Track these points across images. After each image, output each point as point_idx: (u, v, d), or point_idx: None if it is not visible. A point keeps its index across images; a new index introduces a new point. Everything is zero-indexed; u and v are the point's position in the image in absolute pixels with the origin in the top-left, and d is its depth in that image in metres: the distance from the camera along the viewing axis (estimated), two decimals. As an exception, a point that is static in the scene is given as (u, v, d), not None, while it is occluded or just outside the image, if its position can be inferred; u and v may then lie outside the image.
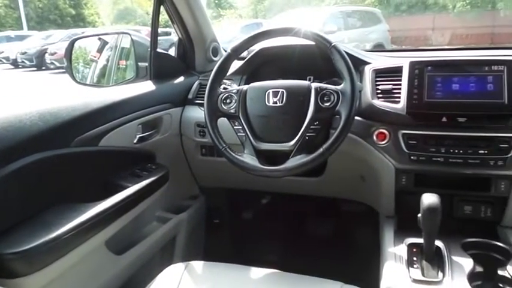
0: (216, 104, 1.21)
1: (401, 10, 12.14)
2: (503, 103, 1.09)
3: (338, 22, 8.08)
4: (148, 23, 1.55)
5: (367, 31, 8.34)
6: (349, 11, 8.91)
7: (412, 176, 1.20)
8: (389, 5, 12.15)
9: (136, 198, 1.19)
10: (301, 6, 13.15)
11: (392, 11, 11.97)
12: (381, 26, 8.70)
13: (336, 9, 9.63)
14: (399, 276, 1.03)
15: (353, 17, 8.75)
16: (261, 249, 1.80)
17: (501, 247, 1.09)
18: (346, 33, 7.93)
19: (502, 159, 1.11)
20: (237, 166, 1.15)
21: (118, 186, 1.18)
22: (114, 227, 1.13)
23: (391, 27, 9.23)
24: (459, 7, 11.78)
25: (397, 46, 9.27)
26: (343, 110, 1.08)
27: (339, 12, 8.75)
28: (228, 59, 1.24)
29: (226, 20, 15.62)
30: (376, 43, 8.07)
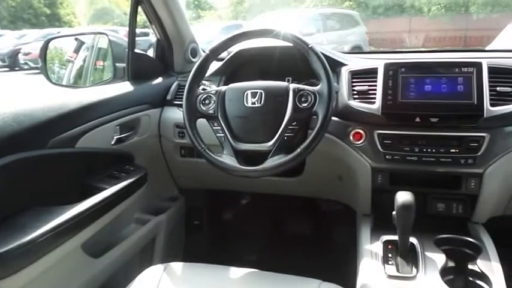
0: (195, 104, 1.21)
1: (379, 13, 12.35)
2: (472, 103, 1.13)
3: (317, 24, 8.16)
4: (126, 23, 1.54)
5: (345, 33, 8.44)
6: (327, 14, 9.00)
7: (388, 175, 1.23)
8: (367, 8, 12.35)
9: (114, 200, 1.18)
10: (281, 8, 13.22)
11: (370, 13, 12.16)
12: (359, 29, 8.82)
13: (315, 11, 9.71)
14: (375, 273, 1.06)
15: (332, 19, 8.85)
16: (241, 249, 1.81)
17: (471, 242, 1.13)
18: (325, 35, 8.01)
19: (472, 157, 1.15)
20: (216, 167, 1.16)
21: (95, 188, 1.17)
22: (91, 230, 1.12)
23: (369, 30, 9.38)
24: (434, 10, 12.06)
25: (375, 48, 9.44)
26: (320, 110, 1.10)
27: (318, 14, 8.83)
28: (206, 60, 1.24)
29: (206, 21, 15.56)
30: (354, 45, 8.17)
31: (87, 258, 1.19)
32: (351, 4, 12.96)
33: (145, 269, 1.10)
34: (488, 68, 1.16)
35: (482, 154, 1.14)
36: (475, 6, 11.42)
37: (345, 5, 12.75)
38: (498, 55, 1.51)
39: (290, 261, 1.44)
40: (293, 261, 1.52)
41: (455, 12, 11.89)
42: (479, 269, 1.05)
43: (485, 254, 1.09)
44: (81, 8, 23.20)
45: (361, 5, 12.52)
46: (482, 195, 1.18)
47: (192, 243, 1.80)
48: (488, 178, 1.15)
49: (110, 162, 1.32)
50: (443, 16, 11.82)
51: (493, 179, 1.16)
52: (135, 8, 1.46)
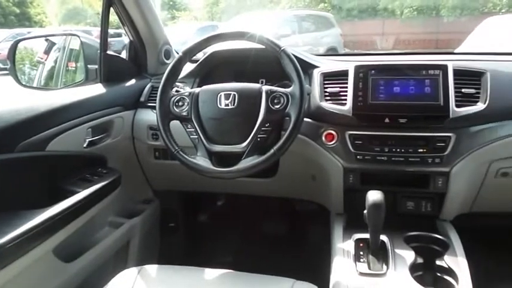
0: (168, 106, 1.21)
1: (353, 15, 12.53)
2: (439, 105, 1.17)
3: (292, 26, 8.19)
4: (100, 23, 1.52)
5: (320, 35, 8.51)
6: (303, 15, 9.06)
7: (359, 175, 1.26)
8: (342, 10, 12.50)
9: (87, 203, 1.17)
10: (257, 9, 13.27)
11: (344, 15, 12.32)
12: (333, 30, 8.90)
13: (290, 13, 9.77)
14: (347, 271, 1.08)
15: (307, 21, 8.90)
16: (217, 251, 1.81)
17: (439, 239, 1.17)
18: (301, 36, 8.05)
19: (439, 157, 1.19)
20: (190, 168, 1.16)
21: (67, 191, 1.15)
22: (63, 234, 1.10)
23: (344, 32, 9.48)
24: (406, 13, 12.33)
25: (349, 50, 9.55)
26: (292, 111, 1.12)
27: (293, 16, 8.88)
28: (179, 62, 1.24)
29: (181, 21, 15.44)
30: (329, 47, 8.24)
31: (59, 263, 1.17)
32: (325, 6, 13.11)
33: (120, 272, 1.09)
34: (454, 70, 1.20)
35: (449, 153, 1.18)
36: (446, 10, 11.74)
37: (319, 7, 12.90)
38: (464, 58, 1.57)
39: (265, 262, 1.45)
40: (268, 261, 1.53)
41: (427, 15, 12.17)
42: (447, 265, 1.09)
43: (452, 250, 1.13)
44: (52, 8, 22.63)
45: (336, 7, 12.68)
46: (449, 193, 1.22)
47: (167, 246, 1.79)
48: (454, 176, 1.20)
49: (82, 165, 1.30)
50: (416, 19, 12.09)
51: (459, 177, 1.20)
52: (107, 9, 1.44)
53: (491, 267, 1.34)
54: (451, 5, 11.82)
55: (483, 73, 1.21)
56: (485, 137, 1.19)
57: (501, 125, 1.19)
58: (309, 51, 5.38)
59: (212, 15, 15.84)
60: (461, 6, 11.56)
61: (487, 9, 11.54)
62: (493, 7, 11.58)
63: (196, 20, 15.44)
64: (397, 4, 12.27)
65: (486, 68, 1.22)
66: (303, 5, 13.46)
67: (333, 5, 12.98)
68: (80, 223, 1.16)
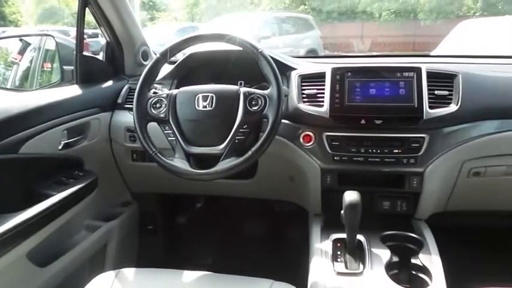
0: (146, 108, 1.20)
1: (333, 17, 12.65)
2: (413, 106, 1.20)
3: (273, 28, 8.23)
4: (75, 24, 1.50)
5: (300, 37, 8.57)
6: (283, 17, 9.09)
7: (336, 175, 1.28)
8: (322, 13, 12.60)
9: (62, 206, 1.15)
10: (237, 11, 13.27)
11: (324, 18, 12.42)
12: (313, 33, 8.97)
13: (271, 15, 9.80)
14: (325, 270, 1.09)
15: (287, 23, 8.95)
16: (196, 253, 1.81)
17: (414, 238, 1.20)
18: (281, 38, 8.09)
19: (414, 157, 1.21)
20: (167, 170, 1.16)
21: (41, 195, 1.13)
22: (37, 238, 1.08)
23: (324, 34, 9.57)
24: (384, 16, 12.52)
25: (329, 52, 9.65)
26: (270, 113, 1.13)
27: (273, 18, 8.90)
28: (157, 64, 1.24)
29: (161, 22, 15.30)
30: (309, 49, 8.31)
31: (33, 268, 1.14)
32: (305, 8, 13.21)
33: (97, 276, 1.07)
34: (427, 72, 1.23)
35: (423, 154, 1.21)
36: (423, 13, 11.97)
37: (299, 9, 12.99)
38: (439, 60, 1.61)
39: (245, 263, 1.45)
40: (248, 262, 1.53)
41: (405, 18, 12.38)
42: (421, 263, 1.11)
43: (427, 248, 1.15)
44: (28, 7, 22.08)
45: (316, 10, 12.78)
46: (424, 193, 1.25)
47: (146, 249, 1.77)
48: (428, 176, 1.22)
49: (58, 167, 1.28)
50: (394, 22, 12.28)
51: (433, 177, 1.23)
52: (83, 10, 1.42)
53: (464, 265, 1.38)
54: (427, 8, 12.07)
55: (455, 75, 1.24)
56: (457, 137, 1.22)
57: (473, 126, 1.22)
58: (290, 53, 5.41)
59: (192, 16, 15.75)
60: (438, 10, 11.80)
61: (462, 12, 11.82)
62: (468, 10, 11.88)
63: (176, 20, 15.32)
64: (376, 7, 12.45)
65: (458, 71, 1.25)
66: (283, 7, 13.52)
67: (312, 7, 13.08)
68: (54, 227, 1.14)
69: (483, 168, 1.27)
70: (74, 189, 1.20)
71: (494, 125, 1.23)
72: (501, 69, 1.43)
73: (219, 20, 8.91)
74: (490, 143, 1.22)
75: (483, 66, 1.47)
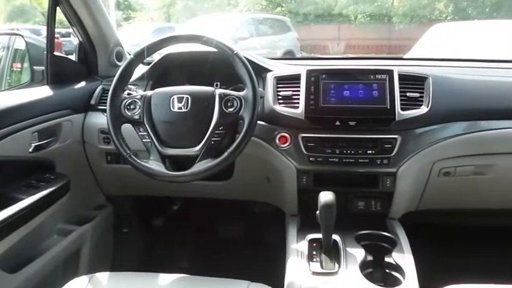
0: (120, 109, 1.19)
1: (310, 20, 12.77)
2: (386, 108, 1.22)
3: (250, 29, 8.24)
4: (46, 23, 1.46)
5: (277, 38, 8.61)
6: (260, 19, 9.13)
7: (312, 176, 1.29)
8: (298, 15, 12.69)
9: (32, 210, 1.12)
10: (214, 12, 13.22)
11: (301, 20, 12.50)
12: (290, 34, 9.03)
13: (248, 16, 9.83)
14: (300, 271, 1.10)
15: (264, 24, 8.98)
16: (173, 256, 1.79)
17: (388, 237, 1.22)
18: (258, 40, 8.10)
19: (387, 158, 1.24)
20: (142, 172, 1.15)
21: (10, 198, 1.10)
22: (6, 243, 1.05)
23: (301, 36, 9.64)
24: (360, 18, 12.71)
25: (306, 53, 9.74)
26: (246, 115, 1.13)
27: (250, 19, 8.93)
28: (130, 64, 1.22)
29: (137, 22, 15.08)
30: (286, 50, 8.37)
31: (3, 274, 1.11)
32: (282, 10, 13.28)
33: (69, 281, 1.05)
34: (399, 75, 1.25)
35: (395, 154, 1.23)
36: (397, 17, 12.23)
37: (276, 11, 13.04)
38: (411, 63, 1.64)
39: (223, 265, 1.45)
40: (225, 264, 1.53)
41: (380, 21, 12.61)
42: (394, 261, 1.13)
43: (400, 247, 1.18)
44: (-3, 5, 21.40)
45: (292, 12, 12.86)
46: (397, 193, 1.28)
47: (121, 252, 1.74)
48: (401, 176, 1.25)
49: (28, 170, 1.25)
50: (369, 25, 12.49)
51: (405, 177, 1.26)
52: (53, 9, 1.39)
53: (436, 263, 1.41)
54: (401, 12, 12.32)
55: (426, 78, 1.27)
56: (428, 138, 1.25)
57: (442, 127, 1.26)
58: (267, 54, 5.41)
59: (169, 17, 15.60)
60: (411, 14, 12.06)
61: (434, 16, 12.12)
62: (440, 15, 12.19)
63: (152, 21, 15.14)
64: (351, 10, 12.63)
65: (429, 73, 1.28)
66: (260, 8, 13.56)
67: (289, 9, 13.16)
68: (25, 231, 1.11)
69: (453, 168, 1.31)
70: (45, 193, 1.17)
71: (462, 126, 1.27)
72: (470, 72, 1.47)
73: (195, 21, 8.86)
74: (459, 144, 1.26)
75: (453, 69, 1.52)
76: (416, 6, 12.28)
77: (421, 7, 12.40)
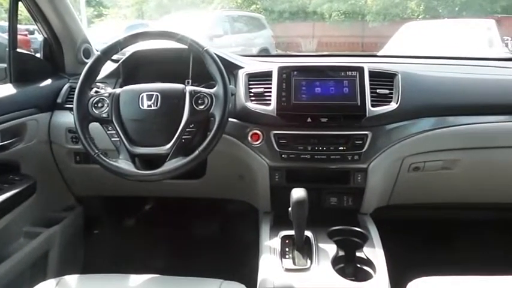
0: (87, 108, 1.16)
1: (284, 17, 12.82)
2: (356, 104, 1.23)
3: (225, 26, 8.18)
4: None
5: (253, 36, 8.59)
6: (235, 16, 9.08)
7: (284, 173, 1.29)
8: (273, 12, 12.74)
9: None
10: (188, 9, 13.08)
11: (276, 17, 12.55)
12: (265, 32, 9.03)
13: (222, 13, 9.76)
14: (273, 268, 1.10)
15: (239, 21, 8.94)
16: (146, 256, 1.76)
17: (359, 232, 1.24)
18: (233, 37, 8.06)
19: (358, 154, 1.25)
20: (111, 172, 1.12)
21: None
22: None
23: (276, 33, 9.68)
24: (334, 16, 12.86)
25: (282, 51, 9.78)
26: (216, 112, 1.12)
27: (225, 16, 8.86)
28: (97, 62, 1.20)
29: (109, 19, 14.77)
30: (261, 48, 8.36)
31: None
32: (257, 8, 13.29)
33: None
34: (369, 72, 1.27)
35: (366, 150, 1.25)
36: (370, 15, 12.42)
37: (251, 8, 13.03)
38: (383, 60, 1.66)
39: (196, 264, 1.44)
40: (199, 263, 1.52)
41: (353, 19, 12.78)
42: (366, 256, 1.15)
43: (371, 242, 1.20)
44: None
45: (267, 9, 12.90)
46: (368, 188, 1.29)
47: (93, 254, 1.70)
48: (372, 172, 1.27)
49: None
50: (343, 23, 12.65)
51: (376, 172, 1.27)
52: (15, 4, 1.34)
53: (407, 256, 1.44)
54: (375, 10, 12.53)
55: (395, 75, 1.29)
56: (398, 134, 1.27)
57: (412, 123, 1.28)
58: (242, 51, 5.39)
59: (142, 14, 15.36)
60: (384, 12, 12.28)
61: (407, 15, 12.38)
62: (412, 13, 12.46)
63: (125, 18, 14.86)
64: (326, 8, 12.75)
65: (398, 70, 1.30)
66: (235, 5, 13.53)
67: (264, 7, 13.19)
68: None
69: (422, 163, 1.33)
70: (9, 195, 1.13)
71: (431, 122, 1.29)
72: (439, 69, 1.50)
73: (169, 18, 8.74)
74: (428, 139, 1.29)
75: (422, 66, 1.54)
76: (389, 5, 12.51)
77: (394, 6, 12.64)
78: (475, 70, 1.52)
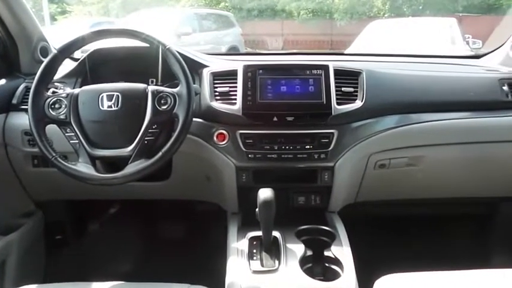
0: (43, 109, 1.12)
1: (253, 15, 12.83)
2: (322, 103, 1.23)
3: (193, 24, 8.10)
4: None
5: (221, 34, 8.55)
6: (203, 14, 9.01)
7: (251, 173, 1.28)
8: (242, 10, 12.70)
9: None
10: (156, 6, 12.85)
11: (244, 15, 12.52)
12: (234, 30, 9.00)
13: (191, 11, 9.66)
14: (241, 270, 1.09)
15: (208, 19, 8.88)
16: (113, 262, 1.71)
17: (327, 230, 1.24)
18: (202, 35, 8.00)
19: (324, 152, 1.25)
20: (70, 176, 1.09)
21: None
22: None
23: (245, 31, 9.66)
24: (303, 15, 12.96)
25: (251, 49, 9.77)
26: (180, 112, 1.10)
27: (193, 14, 8.77)
28: (54, 60, 1.15)
29: (74, 16, 14.32)
30: (230, 46, 8.33)
31: None
32: (226, 5, 13.22)
33: None
34: (334, 70, 1.27)
35: (333, 149, 1.25)
36: (338, 13, 12.58)
37: (220, 6, 12.95)
38: (350, 58, 1.68)
39: (163, 268, 1.40)
40: (166, 267, 1.49)
41: (322, 17, 12.92)
42: (333, 255, 1.15)
43: (339, 240, 1.20)
44: None
45: (236, 7, 12.85)
46: (335, 186, 1.30)
47: (55, 262, 1.63)
48: (338, 170, 1.27)
49: None
50: (311, 21, 12.76)
51: (342, 170, 1.28)
52: None
53: (375, 254, 1.46)
54: (342, 8, 12.70)
55: (359, 73, 1.30)
56: (363, 132, 1.28)
57: (376, 121, 1.29)
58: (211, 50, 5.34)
59: (108, 11, 14.96)
60: (351, 11, 12.46)
61: (373, 13, 12.62)
62: (378, 12, 12.71)
63: (90, 15, 14.44)
64: (294, 6, 12.84)
65: (362, 68, 1.31)
66: (204, 3, 13.41)
67: (233, 5, 13.13)
68: None
69: (387, 160, 1.35)
70: None
71: (395, 119, 1.31)
72: (402, 67, 1.52)
73: (136, 15, 8.56)
74: (392, 137, 1.30)
75: (387, 64, 1.56)
76: (355, 3, 12.71)
77: (360, 4, 12.86)
78: (438, 68, 1.56)
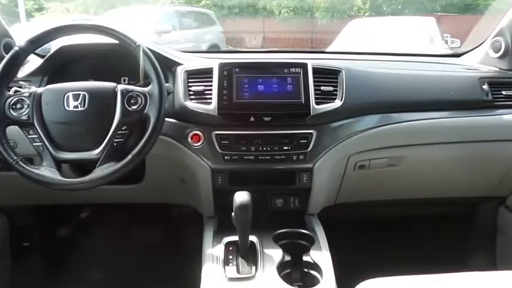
0: (3, 110, 1.05)
1: (235, 13, 12.76)
2: (300, 102, 1.19)
3: (173, 22, 7.99)
4: None
5: (202, 32, 8.46)
6: (183, 11, 8.90)
7: (227, 176, 1.23)
8: (223, 8, 12.62)
9: None
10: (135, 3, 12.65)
11: (226, 13, 12.44)
12: (215, 28, 8.92)
13: (171, 8, 9.52)
14: (216, 277, 1.04)
15: (188, 17, 8.78)
16: (84, 268, 1.64)
17: (305, 234, 1.20)
18: (182, 33, 7.90)
19: (303, 153, 1.21)
20: (32, 181, 1.02)
21: None
22: None
23: (226, 29, 9.59)
24: (284, 13, 12.97)
25: (232, 47, 9.71)
26: (151, 112, 1.05)
27: (173, 11, 8.66)
28: (15, 58, 1.08)
29: (51, 13, 13.97)
30: (211, 44, 8.25)
31: None
32: (207, 3, 13.10)
33: None
34: (313, 68, 1.23)
35: (311, 150, 1.21)
36: (319, 12, 12.63)
37: (201, 4, 12.84)
38: (329, 56, 1.64)
39: (137, 274, 1.34)
40: (140, 273, 1.43)
41: (302, 15, 12.95)
42: (312, 260, 1.11)
43: (318, 244, 1.16)
44: None
45: (217, 5, 12.75)
46: (314, 188, 1.26)
47: (22, 269, 1.55)
48: (317, 171, 1.23)
49: None
50: (292, 19, 12.78)
51: (321, 172, 1.24)
52: None
53: (355, 257, 1.43)
54: (323, 7, 12.76)
55: (339, 71, 1.26)
56: (342, 132, 1.24)
57: (356, 121, 1.26)
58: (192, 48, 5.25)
59: (87, 8, 14.65)
60: (332, 9, 12.52)
61: (354, 12, 12.72)
62: (358, 11, 12.82)
63: (68, 12, 14.11)
64: (275, 4, 12.83)
65: (342, 67, 1.27)
66: (184, 1, 13.27)
67: (214, 3, 13.03)
68: None
69: (367, 161, 1.32)
70: None
71: (375, 119, 1.28)
72: (382, 65, 1.50)
73: (115, 12, 8.40)
74: (372, 137, 1.27)
75: (367, 62, 1.53)
76: (336, 2, 12.78)
77: (341, 3, 12.94)
78: (418, 66, 1.53)
